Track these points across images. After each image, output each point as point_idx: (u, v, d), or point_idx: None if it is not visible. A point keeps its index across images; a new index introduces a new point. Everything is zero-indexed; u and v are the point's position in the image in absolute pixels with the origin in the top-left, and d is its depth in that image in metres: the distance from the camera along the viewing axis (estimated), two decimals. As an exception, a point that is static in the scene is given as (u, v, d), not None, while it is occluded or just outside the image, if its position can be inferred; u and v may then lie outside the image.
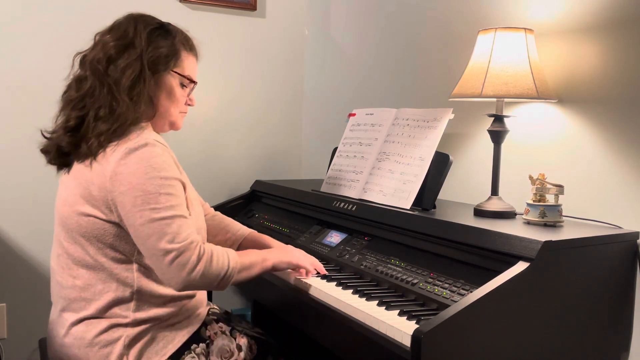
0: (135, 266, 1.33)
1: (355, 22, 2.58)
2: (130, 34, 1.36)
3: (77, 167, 1.33)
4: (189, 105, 1.49)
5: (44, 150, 1.41)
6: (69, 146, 1.33)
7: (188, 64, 1.44)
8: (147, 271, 1.34)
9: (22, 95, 2.28)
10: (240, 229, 1.72)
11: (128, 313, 1.33)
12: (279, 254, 1.52)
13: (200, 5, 2.59)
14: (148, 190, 1.25)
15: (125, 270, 1.33)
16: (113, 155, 1.27)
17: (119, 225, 1.30)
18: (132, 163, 1.26)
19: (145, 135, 1.30)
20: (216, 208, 2.32)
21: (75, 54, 1.42)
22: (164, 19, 1.57)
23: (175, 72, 1.41)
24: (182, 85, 1.44)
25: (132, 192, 1.25)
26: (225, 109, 2.71)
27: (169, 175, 1.28)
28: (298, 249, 1.61)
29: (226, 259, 1.33)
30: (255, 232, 1.73)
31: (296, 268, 1.56)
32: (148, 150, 1.27)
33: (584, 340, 1.37)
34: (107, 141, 1.29)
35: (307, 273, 1.56)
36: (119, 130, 1.29)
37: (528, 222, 1.51)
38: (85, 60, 1.38)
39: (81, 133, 1.32)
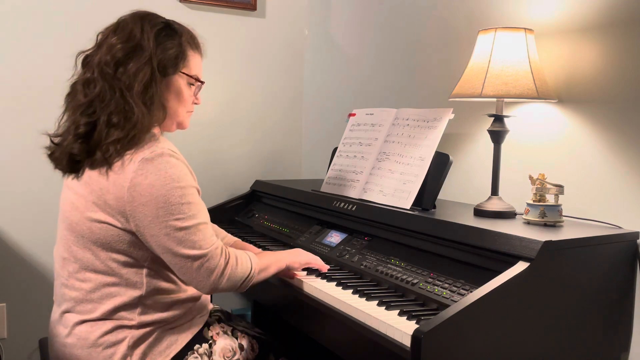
0: (145, 271, 1.33)
1: (355, 22, 2.58)
2: (137, 36, 1.32)
3: (90, 174, 1.30)
4: (195, 104, 1.47)
5: (54, 158, 1.36)
6: (81, 154, 1.29)
7: (194, 64, 1.42)
8: (156, 275, 1.34)
9: (23, 96, 2.27)
10: (226, 237, 1.77)
11: (134, 316, 1.33)
12: (290, 254, 1.55)
13: (200, 5, 2.59)
14: (170, 201, 1.25)
15: (135, 274, 1.32)
16: (130, 166, 1.25)
17: (133, 234, 1.29)
18: (149, 174, 1.24)
19: (160, 145, 1.29)
20: (216, 208, 2.34)
21: (78, 53, 1.37)
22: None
23: (184, 73, 1.39)
24: (190, 85, 1.42)
25: (154, 203, 1.24)
26: (225, 109, 2.71)
27: (187, 185, 1.28)
28: (303, 250, 1.63)
29: (249, 262, 1.39)
30: (239, 240, 1.77)
31: (302, 267, 1.58)
32: (164, 161, 1.26)
33: (584, 340, 1.37)
34: (124, 149, 1.26)
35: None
36: (135, 138, 1.27)
37: (528, 222, 1.51)
38: (91, 61, 1.34)
39: (94, 140, 1.28)
